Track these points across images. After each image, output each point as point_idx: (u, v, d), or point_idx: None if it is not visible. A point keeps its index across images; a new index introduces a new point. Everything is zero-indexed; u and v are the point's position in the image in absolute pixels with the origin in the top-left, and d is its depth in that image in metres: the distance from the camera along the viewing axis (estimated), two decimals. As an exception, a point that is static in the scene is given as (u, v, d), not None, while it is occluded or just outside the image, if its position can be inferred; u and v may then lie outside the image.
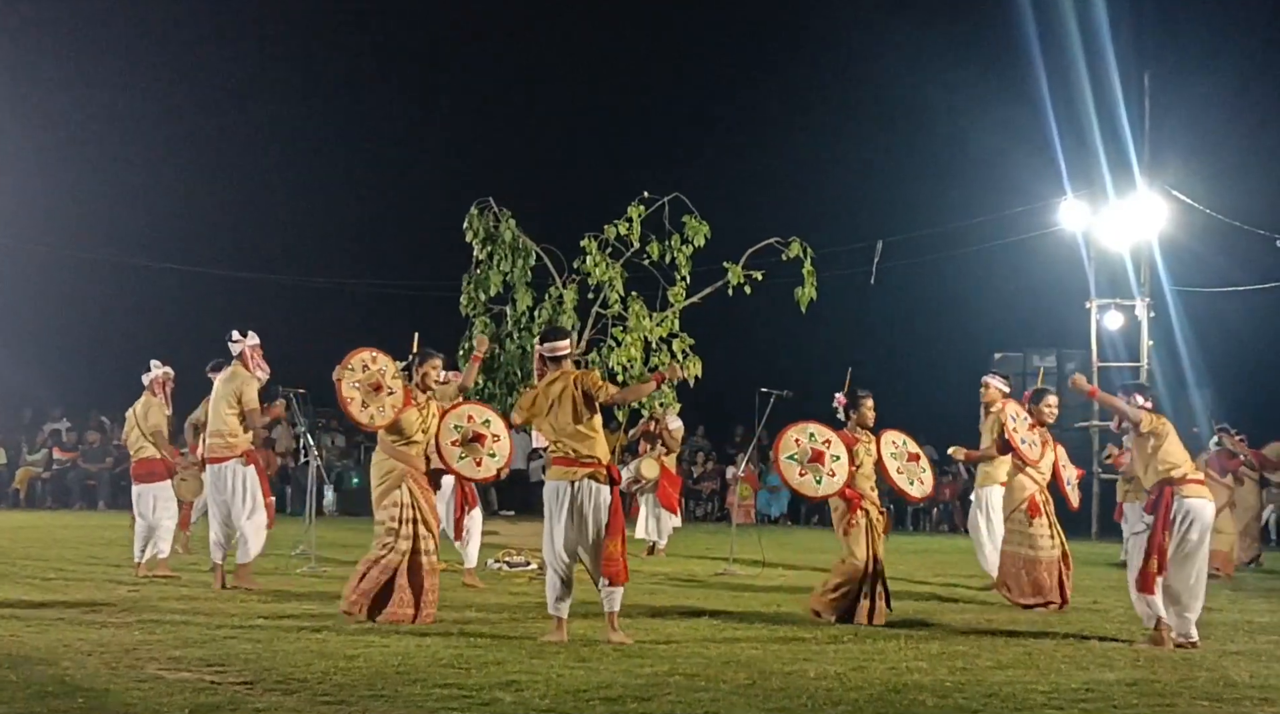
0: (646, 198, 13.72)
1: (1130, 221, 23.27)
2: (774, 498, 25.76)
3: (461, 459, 10.17)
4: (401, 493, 9.45)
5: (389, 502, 9.46)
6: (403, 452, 9.56)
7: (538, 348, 8.95)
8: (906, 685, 7.17)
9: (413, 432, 9.57)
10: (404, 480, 9.49)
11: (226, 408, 11.23)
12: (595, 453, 8.58)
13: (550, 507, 8.62)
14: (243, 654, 7.57)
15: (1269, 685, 7.50)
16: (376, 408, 9.53)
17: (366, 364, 9.60)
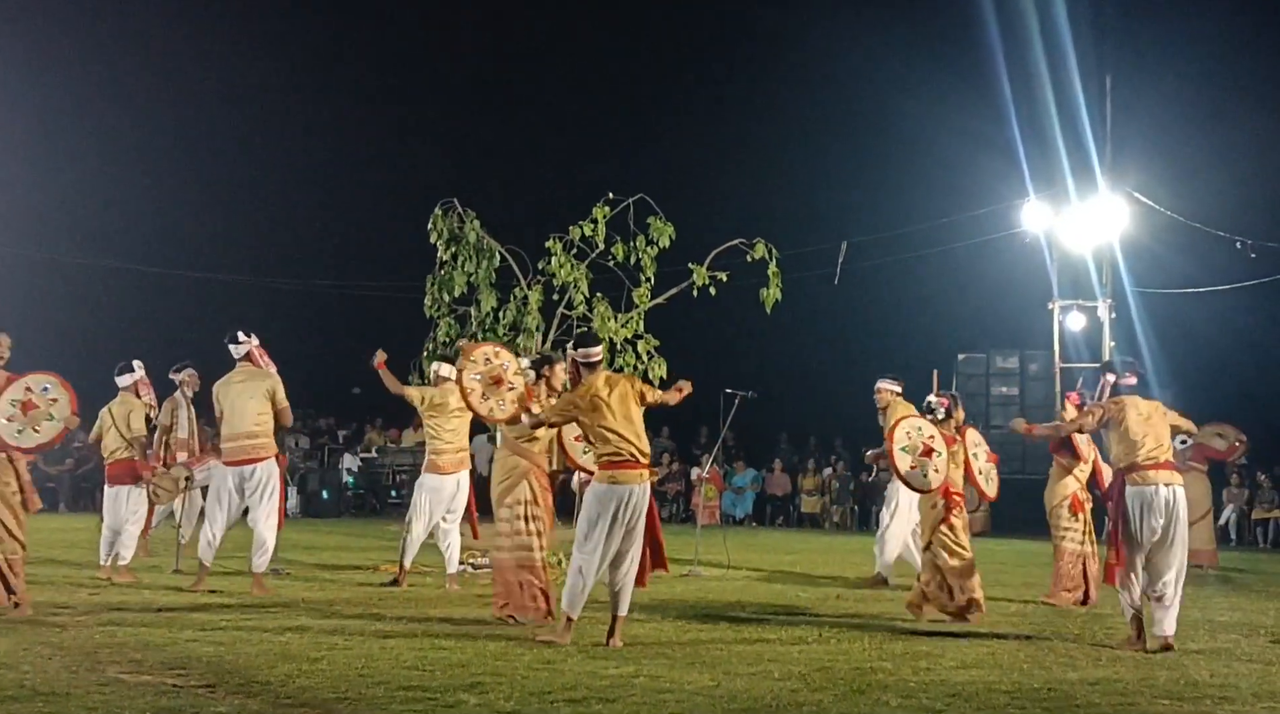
0: (611, 199, 13.72)
1: (1092, 223, 23.46)
2: (739, 499, 25.83)
3: (585, 453, 10.29)
4: (523, 490, 9.64)
5: (511, 499, 9.66)
6: (526, 449, 9.72)
7: (572, 354, 8.87)
8: (870, 685, 7.19)
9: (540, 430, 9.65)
10: (528, 476, 9.68)
11: (257, 408, 11.08)
12: (648, 454, 8.65)
13: (611, 506, 8.42)
14: (204, 657, 7.52)
15: (1229, 684, 7.55)
16: (496, 401, 9.69)
17: (489, 357, 9.83)
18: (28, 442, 9.42)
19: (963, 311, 28.18)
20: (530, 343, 13.61)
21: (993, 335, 26.75)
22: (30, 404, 9.36)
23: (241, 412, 11.11)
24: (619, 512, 8.44)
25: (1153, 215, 23.33)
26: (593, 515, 8.51)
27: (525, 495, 9.65)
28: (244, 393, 11.13)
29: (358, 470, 25.02)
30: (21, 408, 9.34)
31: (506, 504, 9.67)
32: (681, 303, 14.13)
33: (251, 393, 11.11)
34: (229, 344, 11.28)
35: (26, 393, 9.38)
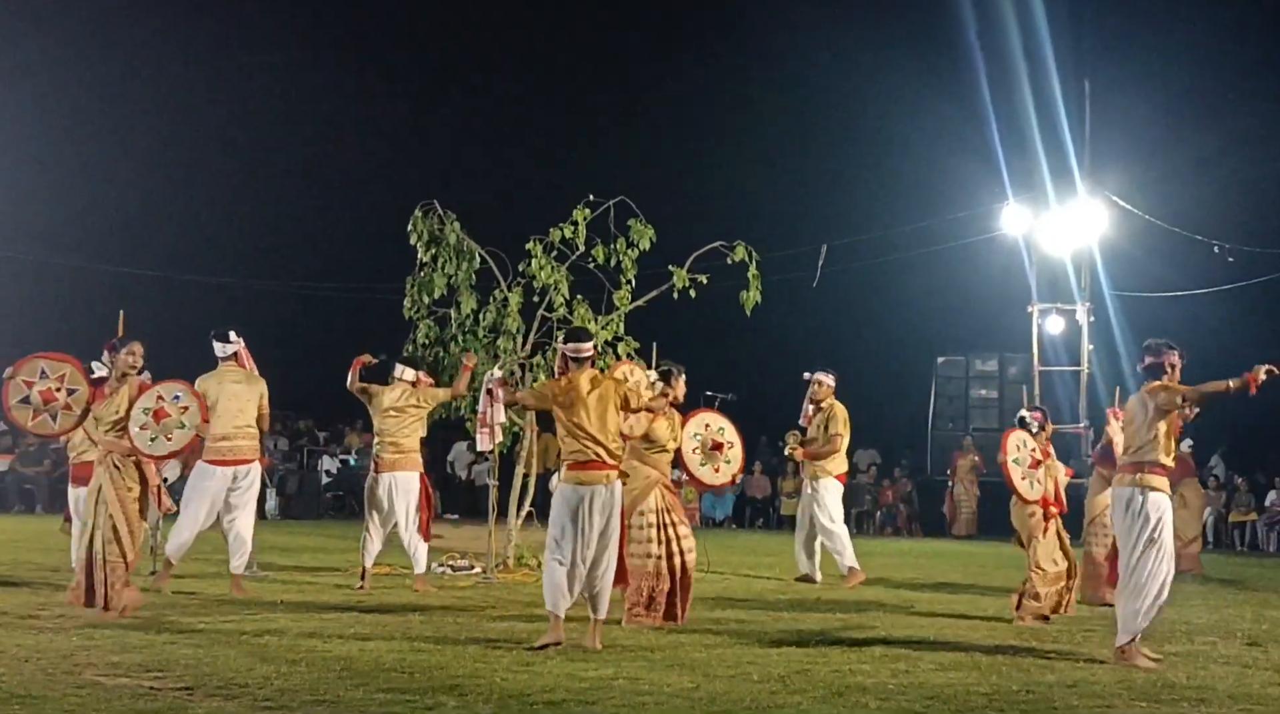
0: (592, 201, 13.70)
1: (1071, 227, 23.55)
2: (719, 501, 25.83)
3: (702, 466, 10.68)
4: (652, 499, 9.95)
5: (642, 507, 9.93)
6: (655, 459, 10.07)
7: (561, 348, 8.92)
8: (849, 688, 7.20)
9: (666, 440, 10.09)
10: (656, 486, 9.99)
11: (253, 410, 11.20)
12: (619, 457, 8.68)
13: (577, 508, 8.50)
14: (182, 659, 7.50)
15: (1206, 686, 7.59)
16: (635, 418, 9.77)
17: (626, 375, 10.17)
18: (160, 449, 9.64)
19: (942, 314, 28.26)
20: (510, 345, 13.60)
21: (972, 338, 26.84)
22: (162, 412, 9.58)
23: (241, 412, 11.19)
24: (581, 512, 8.48)
25: (1131, 219, 23.45)
26: (558, 517, 8.58)
27: (655, 504, 9.98)
28: (240, 395, 11.20)
29: (336, 472, 24.97)
30: (154, 416, 9.55)
31: (637, 511, 9.94)
32: (662, 305, 14.13)
33: (249, 396, 11.21)
34: (217, 341, 11.28)
35: (158, 401, 9.60)
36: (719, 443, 10.74)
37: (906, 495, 26.18)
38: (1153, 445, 8.51)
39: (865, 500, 26.10)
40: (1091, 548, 12.36)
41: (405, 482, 11.98)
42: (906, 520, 25.74)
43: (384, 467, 11.95)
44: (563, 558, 8.48)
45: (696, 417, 10.85)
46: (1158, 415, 8.56)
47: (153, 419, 9.52)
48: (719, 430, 10.81)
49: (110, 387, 9.62)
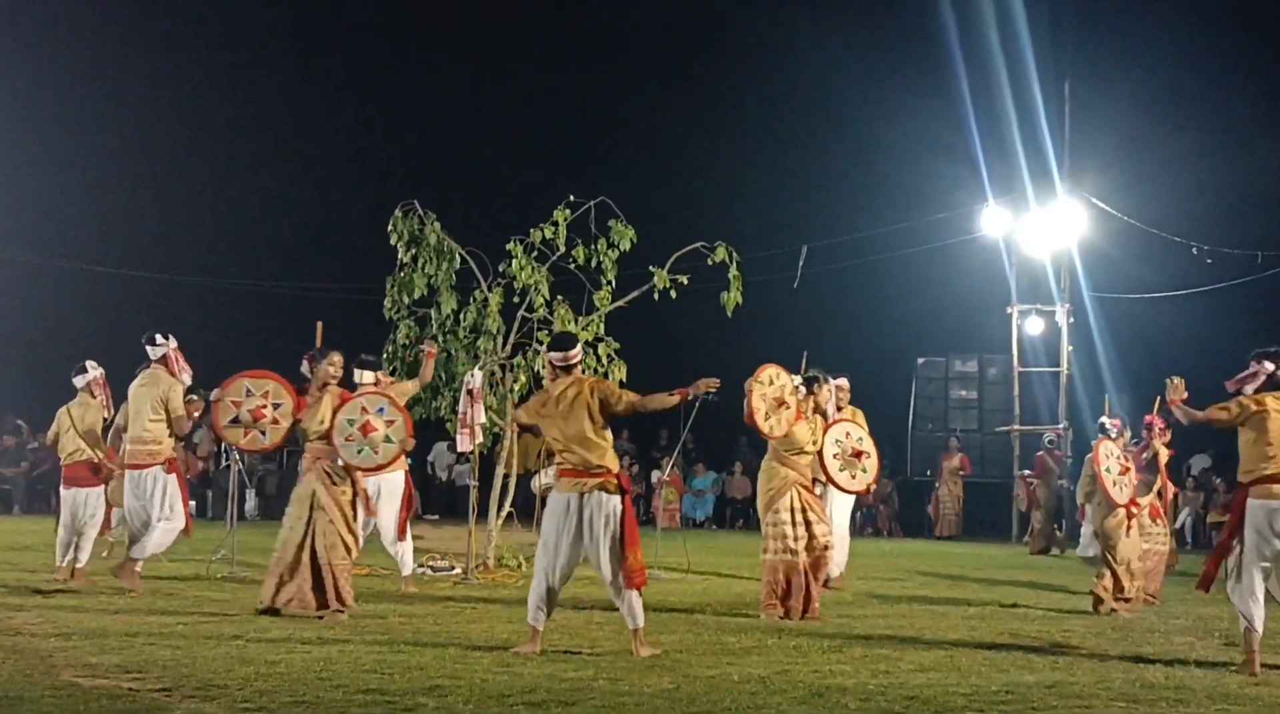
0: (572, 202, 13.70)
1: (1051, 228, 23.61)
2: (699, 502, 25.86)
3: (840, 471, 11.22)
4: (789, 499, 10.37)
5: (779, 506, 10.38)
6: (794, 461, 10.52)
7: (547, 355, 8.77)
8: (830, 688, 7.21)
9: (805, 443, 10.58)
10: (793, 486, 10.41)
11: (151, 413, 11.04)
12: (605, 462, 8.37)
13: (557, 518, 8.36)
14: (161, 661, 7.47)
15: (1184, 686, 7.62)
16: (775, 420, 10.32)
17: (773, 378, 10.40)
18: (367, 462, 9.87)
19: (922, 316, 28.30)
20: (490, 345, 13.58)
21: (952, 339, 26.90)
22: (369, 426, 9.78)
23: (137, 417, 11.13)
24: (577, 518, 8.33)
25: (1110, 221, 23.54)
26: (549, 523, 8.47)
27: (791, 503, 10.40)
28: (142, 397, 11.11)
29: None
30: (361, 430, 9.76)
31: (773, 509, 10.43)
32: (642, 306, 14.13)
33: (148, 398, 11.08)
34: (147, 345, 11.20)
35: (363, 414, 9.82)
36: (859, 451, 11.24)
37: (887, 496, 26.22)
38: None
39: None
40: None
41: (390, 483, 11.94)
42: (887, 521, 25.79)
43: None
44: (542, 564, 8.40)
45: (839, 424, 11.40)
46: None
47: (359, 431, 9.77)
48: (859, 439, 11.30)
49: (312, 397, 9.88)
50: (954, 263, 25.70)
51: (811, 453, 10.71)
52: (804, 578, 10.35)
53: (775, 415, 10.31)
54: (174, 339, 11.27)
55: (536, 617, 8.35)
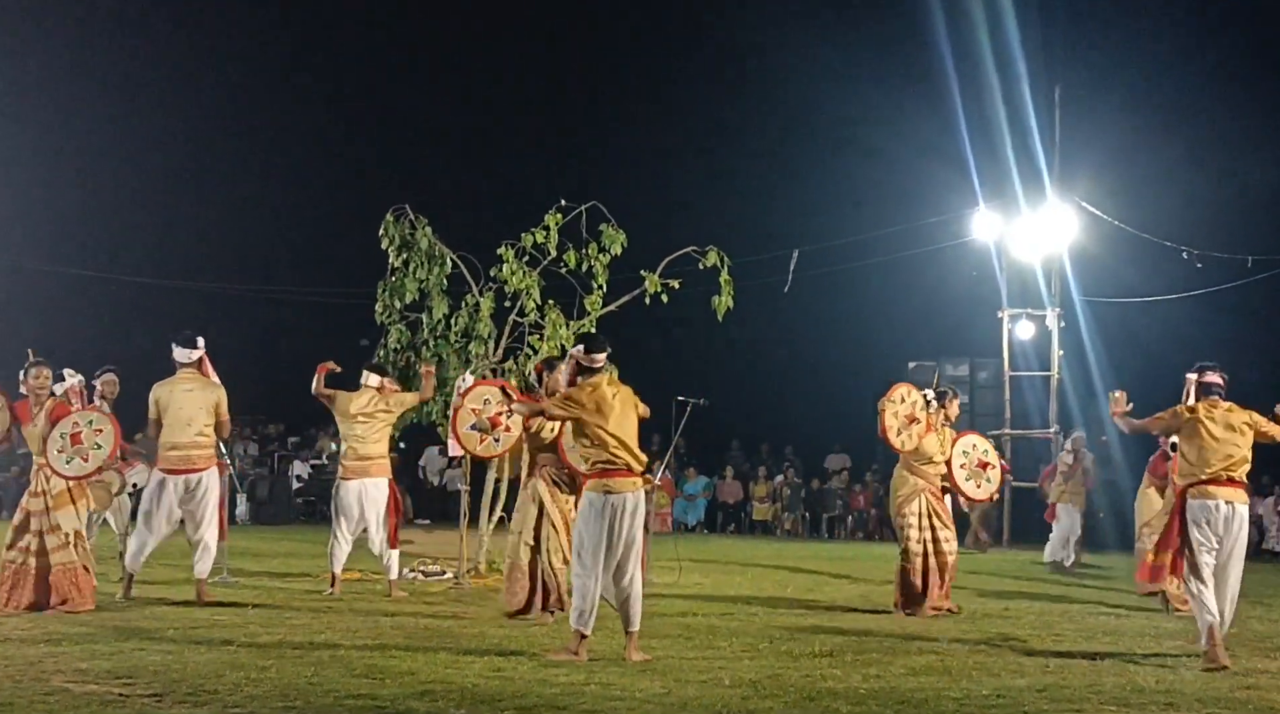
0: (563, 206, 13.70)
1: (1041, 233, 23.63)
2: (690, 506, 25.84)
3: (966, 481, 11.79)
4: (919, 504, 11.41)
5: (909, 510, 11.40)
6: (923, 471, 11.51)
7: (576, 354, 8.76)
8: (820, 693, 7.22)
9: (934, 454, 11.53)
10: (922, 494, 11.45)
11: (206, 418, 10.95)
12: (644, 463, 8.54)
13: (610, 519, 8.28)
14: (152, 666, 7.46)
15: (1174, 690, 7.64)
16: (907, 435, 11.40)
17: (903, 396, 11.46)
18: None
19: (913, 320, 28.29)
20: (481, 350, 13.58)
21: (943, 343, 26.87)
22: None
23: (193, 421, 10.97)
24: (615, 522, 8.28)
25: (1101, 225, 23.55)
26: (590, 527, 8.33)
27: (919, 509, 11.42)
28: (193, 402, 10.98)
29: (308, 477, 24.87)
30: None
31: (903, 514, 11.45)
32: (634, 310, 14.14)
33: (201, 403, 10.96)
34: (181, 346, 11.01)
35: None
36: (985, 463, 11.99)
37: (878, 499, 26.26)
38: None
39: (836, 505, 26.17)
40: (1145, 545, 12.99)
41: (375, 488, 11.94)
42: (878, 524, 25.80)
43: (352, 474, 11.91)
44: (588, 571, 8.29)
45: (965, 437, 12.10)
46: None
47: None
48: (984, 451, 12.06)
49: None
50: (945, 267, 25.70)
51: (940, 463, 11.60)
52: (929, 576, 11.35)
53: (906, 431, 11.40)
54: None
55: (587, 622, 8.27)
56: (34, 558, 10.01)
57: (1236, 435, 8.95)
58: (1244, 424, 9.00)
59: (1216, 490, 8.86)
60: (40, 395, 10.38)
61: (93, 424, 10.32)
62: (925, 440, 11.48)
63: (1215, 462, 8.89)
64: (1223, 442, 8.92)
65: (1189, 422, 9.06)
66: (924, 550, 11.36)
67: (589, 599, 8.26)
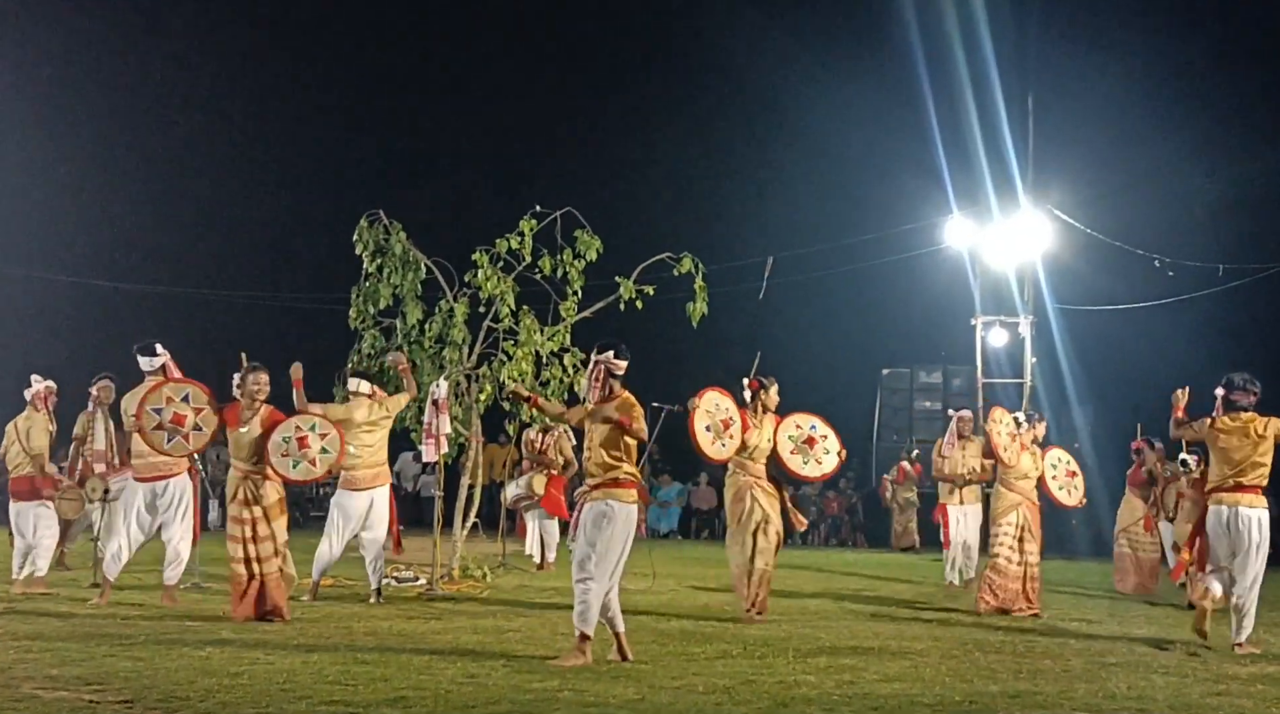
0: (538, 212, 13.69)
1: (1015, 240, 23.71)
2: (664, 513, 25.86)
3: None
4: (1017, 517, 12.26)
5: (1006, 522, 12.26)
6: (1019, 486, 12.34)
7: (611, 361, 8.88)
8: (794, 699, 7.22)
9: (1029, 470, 12.37)
10: (1019, 507, 12.29)
11: None
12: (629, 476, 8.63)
13: (631, 527, 8.53)
14: (122, 672, 7.42)
15: (1146, 696, 7.67)
16: (1010, 451, 12.31)
17: (1000, 417, 12.46)
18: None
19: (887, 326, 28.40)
20: (456, 356, 13.55)
21: (916, 350, 26.99)
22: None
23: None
24: (631, 533, 8.54)
25: (1074, 233, 23.64)
26: (621, 537, 8.46)
27: (1017, 520, 12.24)
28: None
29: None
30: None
31: (1001, 525, 12.28)
32: (608, 316, 14.13)
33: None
34: (141, 356, 11.01)
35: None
36: (1072, 471, 12.96)
37: (851, 506, 26.32)
38: None
39: (811, 511, 26.20)
40: (1123, 549, 15.32)
41: (381, 498, 11.86)
42: (851, 531, 25.85)
43: (363, 484, 11.75)
44: (604, 577, 8.38)
45: (1053, 451, 13.01)
46: None
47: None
48: (1068, 462, 13.02)
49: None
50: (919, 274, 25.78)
51: (1033, 478, 12.45)
52: (1018, 581, 12.20)
53: (1010, 448, 12.28)
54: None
55: (592, 624, 8.34)
56: (258, 565, 10.14)
57: (1251, 443, 9.63)
58: (1260, 432, 9.64)
59: (1226, 496, 9.68)
60: (256, 400, 10.39)
61: (316, 428, 10.47)
62: (1021, 458, 12.39)
63: (1227, 470, 9.69)
64: (1235, 451, 9.66)
65: (1209, 434, 9.85)
66: (1014, 560, 12.23)
67: (590, 605, 8.31)
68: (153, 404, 10.48)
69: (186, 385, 10.63)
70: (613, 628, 8.54)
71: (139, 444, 10.83)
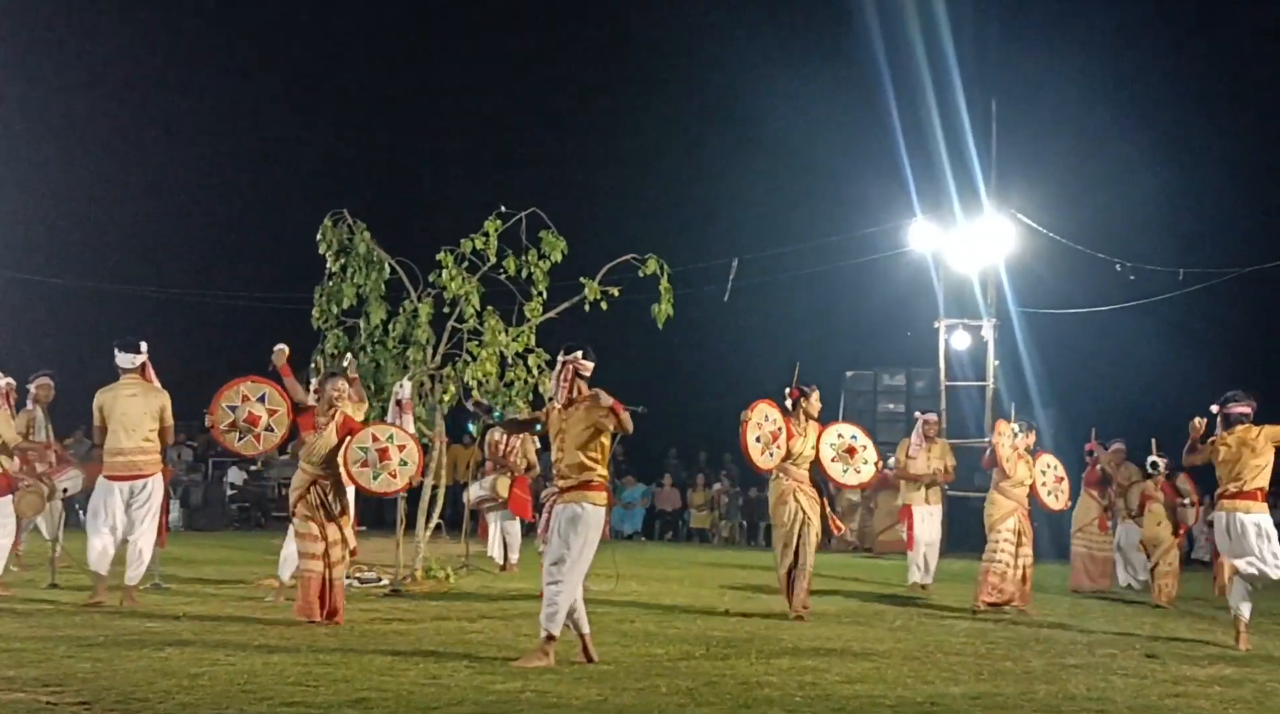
0: (503, 212, 13.66)
1: (978, 244, 23.82)
2: (628, 514, 25.84)
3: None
4: (1012, 521, 12.76)
5: (1004, 527, 12.76)
6: (1014, 493, 12.89)
7: (579, 362, 8.92)
8: (757, 700, 7.23)
9: (1025, 478, 12.98)
10: (1015, 514, 12.84)
11: (151, 423, 10.89)
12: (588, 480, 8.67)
13: (596, 532, 8.56)
14: (81, 674, 7.36)
15: (1106, 698, 7.72)
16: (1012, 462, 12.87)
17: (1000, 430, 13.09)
18: (851, 480, 12.70)
19: (851, 329, 28.49)
20: (420, 356, 13.51)
21: (880, 353, 27.05)
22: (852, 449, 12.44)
23: (137, 426, 10.90)
24: (599, 536, 8.58)
25: (1036, 237, 23.76)
26: (594, 540, 8.53)
27: (1014, 526, 12.76)
28: (136, 408, 10.90)
29: (242, 484, 24.63)
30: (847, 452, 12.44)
31: (999, 530, 12.77)
32: (573, 317, 14.12)
33: (145, 409, 10.90)
34: (123, 351, 10.92)
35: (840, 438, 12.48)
36: (1060, 476, 13.50)
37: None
38: None
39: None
40: (1079, 548, 15.93)
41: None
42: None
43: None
44: (576, 579, 8.43)
45: (1042, 457, 13.40)
46: None
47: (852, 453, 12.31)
48: (1055, 467, 13.49)
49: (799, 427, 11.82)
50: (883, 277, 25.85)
51: (1027, 485, 12.95)
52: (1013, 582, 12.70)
53: (1011, 458, 12.80)
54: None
55: (559, 625, 8.34)
56: (330, 570, 10.19)
57: (1247, 452, 10.36)
58: (1256, 441, 10.38)
59: (1225, 503, 10.48)
60: (334, 405, 10.41)
61: (394, 440, 10.68)
62: (1019, 466, 12.89)
63: (1226, 479, 10.46)
64: (1232, 462, 10.42)
65: (1213, 450, 10.60)
66: (1013, 564, 12.71)
67: (559, 607, 8.30)
68: (228, 401, 10.70)
69: (264, 386, 10.82)
70: (578, 629, 8.53)
71: (118, 441, 10.80)
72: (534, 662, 8.18)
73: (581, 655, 8.47)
